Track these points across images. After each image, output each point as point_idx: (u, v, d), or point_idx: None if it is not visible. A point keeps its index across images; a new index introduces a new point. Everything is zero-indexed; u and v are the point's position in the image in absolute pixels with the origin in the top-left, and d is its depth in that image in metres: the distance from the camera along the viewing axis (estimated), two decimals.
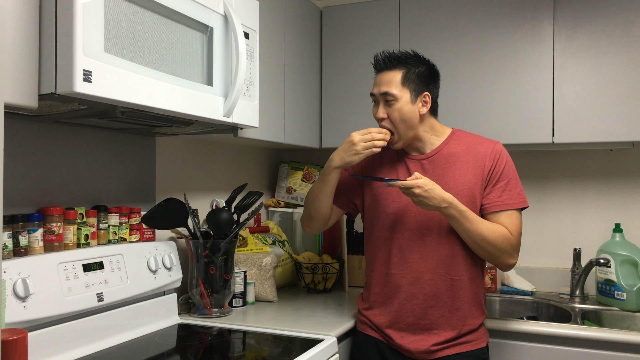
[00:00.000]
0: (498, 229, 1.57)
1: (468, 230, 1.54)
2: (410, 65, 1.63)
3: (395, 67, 1.62)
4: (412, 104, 1.61)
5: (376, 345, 1.67)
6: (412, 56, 1.65)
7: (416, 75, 1.62)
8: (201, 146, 2.15)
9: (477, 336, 1.64)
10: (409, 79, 1.61)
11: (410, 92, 1.61)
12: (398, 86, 1.61)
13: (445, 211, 1.52)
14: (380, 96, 1.63)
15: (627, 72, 1.96)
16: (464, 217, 1.53)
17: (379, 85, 1.64)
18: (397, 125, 1.62)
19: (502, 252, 1.57)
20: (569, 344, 1.76)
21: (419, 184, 1.48)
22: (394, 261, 1.64)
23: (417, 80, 1.62)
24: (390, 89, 1.60)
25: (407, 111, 1.61)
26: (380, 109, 1.64)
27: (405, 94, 1.61)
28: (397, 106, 1.61)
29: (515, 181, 1.63)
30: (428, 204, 1.50)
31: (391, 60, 1.64)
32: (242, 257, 2.05)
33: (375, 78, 1.67)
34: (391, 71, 1.62)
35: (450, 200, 1.51)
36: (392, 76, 1.62)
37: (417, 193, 1.48)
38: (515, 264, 1.62)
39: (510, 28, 2.11)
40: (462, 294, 1.61)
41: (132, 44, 1.22)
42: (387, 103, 1.62)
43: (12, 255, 1.32)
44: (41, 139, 1.49)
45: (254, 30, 1.66)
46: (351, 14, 2.37)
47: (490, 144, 1.65)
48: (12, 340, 0.92)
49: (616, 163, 2.29)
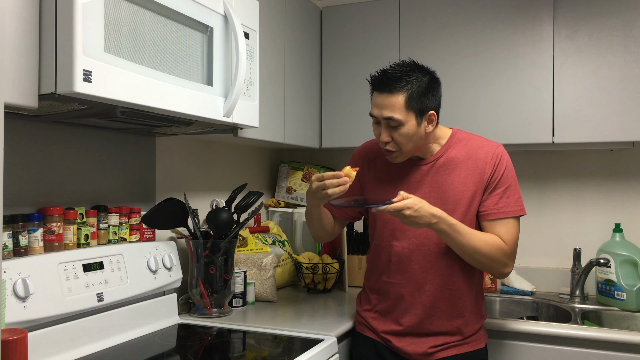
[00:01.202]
0: (491, 240, 1.53)
1: (460, 244, 1.50)
2: (412, 84, 1.49)
3: (397, 90, 1.48)
4: (418, 126, 1.51)
5: (375, 348, 1.67)
6: (412, 70, 1.51)
7: (419, 93, 1.49)
8: (201, 146, 2.15)
9: (476, 337, 1.64)
10: (413, 100, 1.49)
11: (415, 114, 1.50)
12: (402, 111, 1.48)
13: (435, 226, 1.46)
14: (384, 120, 1.51)
15: (627, 72, 1.96)
16: (455, 231, 1.48)
17: (380, 108, 1.51)
18: (402, 146, 1.53)
19: (496, 262, 1.54)
20: (569, 344, 1.76)
21: (408, 204, 1.41)
22: (393, 270, 1.62)
23: (421, 99, 1.50)
24: (395, 114, 1.48)
25: (414, 134, 1.51)
26: (383, 133, 1.53)
27: (410, 118, 1.49)
28: (402, 131, 1.50)
29: (514, 187, 1.58)
30: (418, 222, 1.44)
31: (391, 82, 1.49)
32: (242, 257, 2.05)
33: (375, 98, 1.53)
34: (392, 95, 1.48)
35: (440, 215, 1.46)
36: (394, 100, 1.48)
37: (407, 214, 1.41)
38: (510, 272, 1.60)
39: (510, 28, 2.11)
40: (462, 302, 1.59)
41: (132, 44, 1.22)
42: (392, 128, 1.51)
43: (12, 255, 1.32)
44: (41, 139, 1.49)
45: (254, 30, 1.66)
46: (351, 14, 2.37)
47: (491, 147, 1.59)
48: (12, 340, 0.92)
49: (616, 163, 2.29)
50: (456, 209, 1.56)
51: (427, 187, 1.60)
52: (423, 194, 1.58)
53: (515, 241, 1.57)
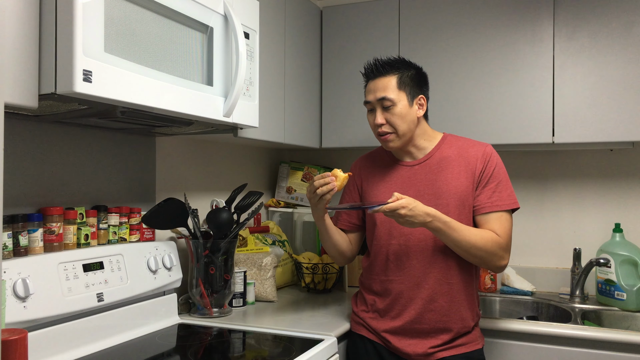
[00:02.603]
0: (485, 234, 1.56)
1: (455, 240, 1.53)
2: (402, 70, 1.65)
3: (388, 72, 1.64)
4: (410, 107, 1.64)
5: (374, 348, 1.67)
6: (401, 61, 1.68)
7: (409, 78, 1.65)
8: (201, 146, 2.15)
9: (473, 338, 1.65)
10: (404, 82, 1.64)
11: (406, 95, 1.64)
12: (395, 90, 1.62)
13: (430, 225, 1.50)
14: (377, 102, 1.64)
15: (627, 72, 1.96)
16: (449, 228, 1.51)
17: (374, 92, 1.65)
18: (397, 126, 1.63)
19: (492, 255, 1.56)
20: (569, 344, 1.76)
21: (402, 204, 1.46)
22: (392, 268, 1.64)
23: (411, 83, 1.65)
24: (388, 94, 1.62)
25: (406, 113, 1.63)
26: (378, 115, 1.64)
27: (402, 97, 1.63)
28: (395, 110, 1.62)
29: (505, 183, 1.63)
30: (414, 222, 1.48)
31: (384, 66, 1.65)
32: (242, 257, 2.05)
33: (368, 85, 1.68)
34: (385, 77, 1.64)
35: (434, 214, 1.50)
36: (387, 81, 1.63)
37: (402, 214, 1.46)
38: (507, 265, 1.62)
39: (510, 28, 2.11)
40: (458, 297, 1.61)
41: (132, 44, 1.22)
42: (385, 109, 1.63)
43: (12, 255, 1.32)
44: (41, 139, 1.49)
45: (254, 30, 1.66)
46: (351, 14, 2.37)
47: (481, 146, 1.67)
48: (12, 340, 0.92)
49: (616, 163, 2.29)
50: (450, 202, 1.60)
51: (420, 184, 1.65)
52: (417, 190, 1.64)
53: (509, 234, 1.60)
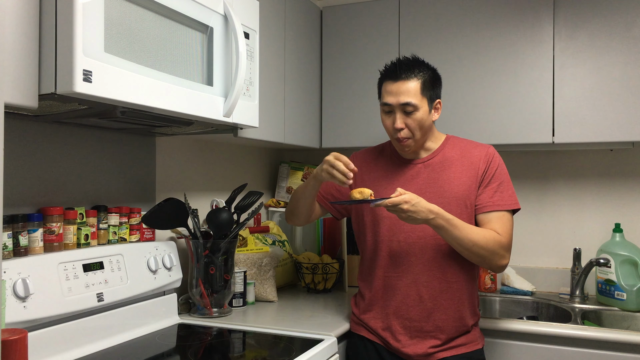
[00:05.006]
0: (487, 233, 1.56)
1: (458, 238, 1.52)
2: (424, 72, 1.61)
3: (411, 76, 1.59)
4: (429, 113, 1.62)
5: (374, 348, 1.67)
6: (421, 62, 1.64)
7: (431, 82, 1.62)
8: (201, 146, 2.15)
9: (473, 338, 1.65)
10: (427, 87, 1.60)
11: (427, 100, 1.61)
12: (418, 96, 1.58)
13: (432, 222, 1.49)
14: (399, 106, 1.59)
15: (627, 72, 1.96)
16: (452, 225, 1.51)
17: (396, 95, 1.59)
18: (415, 133, 1.61)
19: (494, 254, 1.56)
20: (569, 344, 1.76)
21: (405, 199, 1.45)
22: (392, 265, 1.64)
23: (431, 87, 1.62)
24: (412, 99, 1.57)
25: (426, 120, 1.61)
26: (398, 119, 1.59)
27: (424, 103, 1.60)
28: (417, 116, 1.59)
29: (507, 184, 1.64)
30: (416, 218, 1.47)
31: (407, 68, 1.60)
32: (242, 257, 2.05)
33: (387, 86, 1.62)
34: (408, 81, 1.59)
35: (437, 211, 1.49)
36: (411, 86, 1.58)
37: (405, 209, 1.44)
38: (507, 264, 1.62)
39: (510, 28, 2.11)
40: (458, 295, 1.61)
41: (132, 44, 1.22)
42: (407, 113, 1.59)
43: (12, 255, 1.32)
44: (41, 139, 1.49)
45: (254, 30, 1.66)
46: (351, 14, 2.37)
47: (483, 148, 1.67)
48: (12, 340, 0.92)
49: (616, 163, 2.29)
50: (452, 201, 1.60)
51: (423, 182, 1.65)
52: (419, 187, 1.63)
53: (510, 234, 1.60)
